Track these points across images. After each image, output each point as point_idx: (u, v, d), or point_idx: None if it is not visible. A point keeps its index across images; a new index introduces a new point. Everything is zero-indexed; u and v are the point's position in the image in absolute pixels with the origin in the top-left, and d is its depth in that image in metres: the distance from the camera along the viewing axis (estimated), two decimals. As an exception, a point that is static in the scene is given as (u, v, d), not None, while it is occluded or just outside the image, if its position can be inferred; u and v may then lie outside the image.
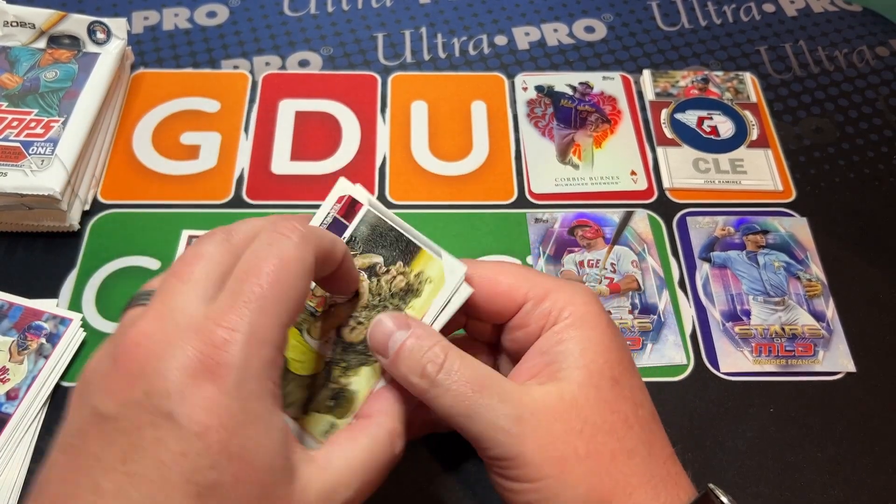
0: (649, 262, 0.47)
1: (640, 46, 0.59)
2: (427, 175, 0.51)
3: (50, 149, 0.45)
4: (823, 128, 0.55)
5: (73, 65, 0.50)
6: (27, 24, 0.51)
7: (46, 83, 0.49)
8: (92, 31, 0.51)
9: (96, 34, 0.51)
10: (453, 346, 0.29)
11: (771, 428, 0.41)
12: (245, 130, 0.52)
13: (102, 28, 0.51)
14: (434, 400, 0.28)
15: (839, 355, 0.43)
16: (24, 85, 0.49)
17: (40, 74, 0.49)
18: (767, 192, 0.51)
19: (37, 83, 0.49)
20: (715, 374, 0.43)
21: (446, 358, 0.28)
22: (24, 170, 0.44)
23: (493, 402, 0.28)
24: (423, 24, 0.60)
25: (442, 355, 0.28)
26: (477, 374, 0.28)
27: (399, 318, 0.29)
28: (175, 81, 0.55)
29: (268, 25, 0.59)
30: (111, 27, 0.51)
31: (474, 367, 0.29)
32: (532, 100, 0.55)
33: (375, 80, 0.56)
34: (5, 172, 0.44)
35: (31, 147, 0.45)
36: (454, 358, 0.28)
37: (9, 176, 0.44)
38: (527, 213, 0.49)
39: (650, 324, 0.44)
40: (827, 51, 0.59)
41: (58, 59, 0.50)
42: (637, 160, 0.52)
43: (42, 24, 0.51)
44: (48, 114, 0.47)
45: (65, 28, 0.51)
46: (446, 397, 0.28)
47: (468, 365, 0.28)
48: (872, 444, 0.40)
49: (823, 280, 0.46)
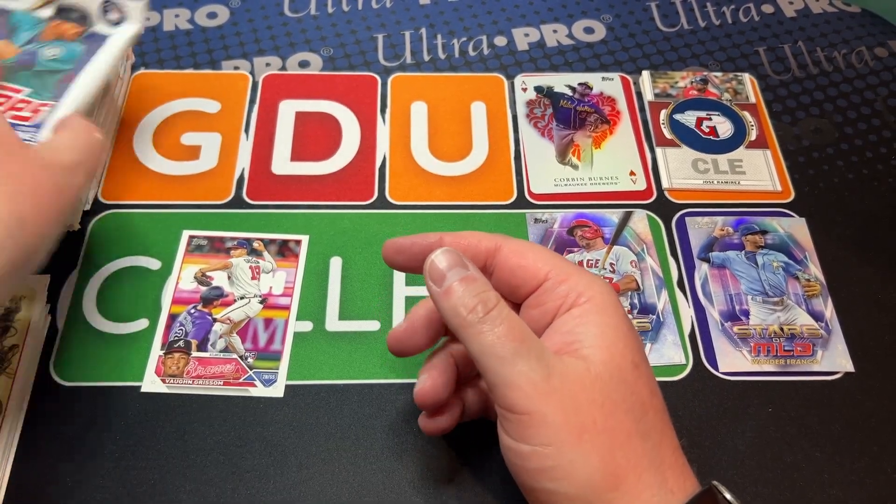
0: (648, 263, 0.47)
1: (640, 47, 0.59)
2: (427, 175, 0.51)
3: (32, 134, 0.39)
4: (822, 128, 0.55)
5: (77, 45, 0.44)
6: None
7: (44, 61, 0.43)
8: (106, 10, 0.45)
9: (109, 13, 0.45)
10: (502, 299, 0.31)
11: (770, 428, 0.41)
12: (245, 131, 0.53)
13: (116, 9, 0.45)
14: (476, 336, 0.29)
15: (838, 355, 0.43)
16: (20, 57, 0.43)
17: (39, 49, 0.43)
18: (766, 193, 0.51)
19: (33, 58, 0.43)
20: (714, 374, 0.43)
21: (498, 303, 0.30)
22: None
23: (530, 354, 0.29)
24: (422, 25, 0.60)
25: (495, 300, 0.30)
26: (521, 327, 0.30)
27: (458, 258, 0.31)
28: (176, 82, 0.55)
29: (268, 26, 0.60)
30: (127, 8, 0.45)
31: (519, 321, 0.30)
32: (531, 100, 0.55)
33: (375, 80, 0.56)
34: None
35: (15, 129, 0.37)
36: (504, 306, 0.30)
37: None
38: (526, 214, 0.49)
39: (649, 324, 0.44)
40: (826, 52, 0.60)
41: (62, 33, 0.44)
42: (636, 161, 0.52)
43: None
44: (40, 96, 0.41)
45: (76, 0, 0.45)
46: (490, 335, 0.29)
47: (515, 317, 0.30)
48: (871, 444, 0.40)
49: (822, 280, 0.46)
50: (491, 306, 0.30)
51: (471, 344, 0.30)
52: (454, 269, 0.31)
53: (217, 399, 0.41)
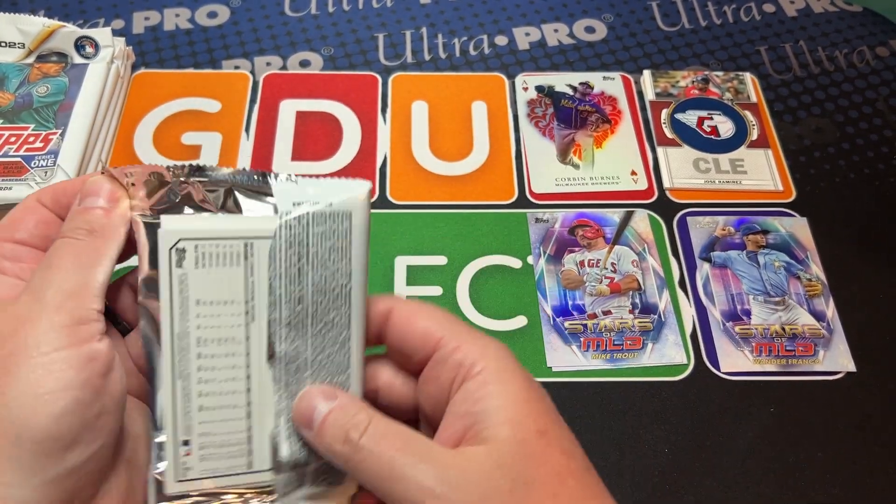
0: (650, 262, 0.47)
1: (641, 47, 0.59)
2: (427, 175, 0.51)
3: (51, 160, 0.46)
4: (823, 128, 0.55)
5: (62, 78, 0.51)
6: (17, 45, 0.52)
7: (39, 98, 0.50)
8: (80, 45, 0.52)
9: (84, 49, 0.52)
10: (378, 413, 0.28)
11: (771, 428, 0.41)
12: (246, 130, 0.53)
13: (91, 42, 0.52)
14: (359, 466, 0.27)
15: (839, 355, 0.43)
16: (16, 101, 0.50)
17: (32, 90, 0.50)
18: (768, 192, 0.51)
19: (29, 99, 0.50)
20: (715, 374, 0.43)
21: (370, 422, 0.27)
22: (29, 182, 0.45)
23: (418, 463, 0.26)
24: (423, 25, 0.60)
25: (366, 420, 0.27)
26: (402, 437, 0.27)
27: (326, 390, 0.29)
28: (176, 81, 0.55)
29: (269, 26, 0.60)
30: (98, 39, 0.52)
31: (399, 430, 0.27)
32: (532, 100, 0.55)
33: (376, 80, 0.56)
34: (10, 186, 0.45)
35: (33, 161, 0.46)
36: (379, 422, 0.27)
37: (14, 189, 0.45)
38: (527, 213, 0.49)
39: (650, 323, 0.44)
40: (827, 51, 0.60)
41: (46, 73, 0.51)
42: (637, 160, 0.52)
43: (31, 44, 0.52)
44: (45, 127, 0.48)
45: (52, 46, 0.52)
46: (371, 461, 0.26)
47: (393, 428, 0.27)
48: (872, 444, 0.40)
49: (823, 280, 0.46)
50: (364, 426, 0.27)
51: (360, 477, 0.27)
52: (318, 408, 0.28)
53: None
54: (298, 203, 0.27)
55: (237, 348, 0.27)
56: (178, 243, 0.26)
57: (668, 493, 0.38)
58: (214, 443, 0.28)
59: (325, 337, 0.28)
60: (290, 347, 0.28)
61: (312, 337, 0.28)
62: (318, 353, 0.28)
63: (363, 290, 0.28)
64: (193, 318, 0.26)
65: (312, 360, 0.28)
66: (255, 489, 0.29)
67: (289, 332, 0.28)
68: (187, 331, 0.26)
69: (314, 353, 0.28)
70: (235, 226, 0.26)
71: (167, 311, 0.26)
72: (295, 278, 0.27)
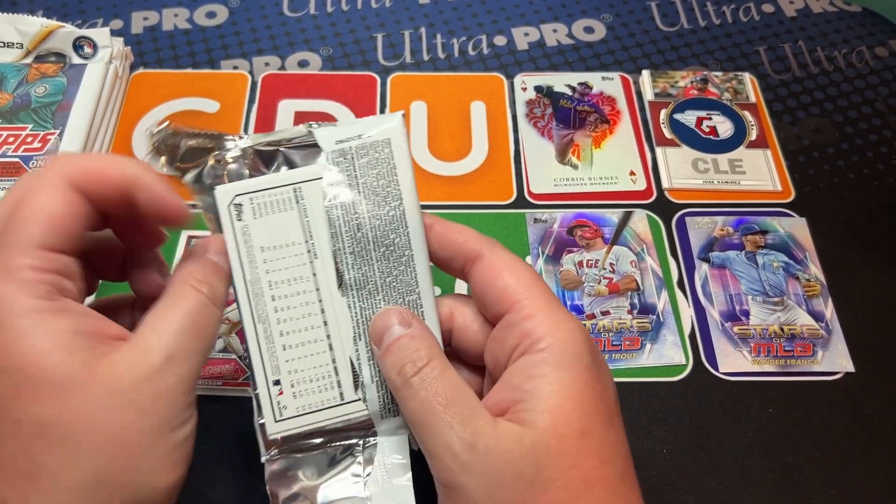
0: (648, 263, 0.47)
1: (640, 47, 0.59)
2: (426, 175, 0.51)
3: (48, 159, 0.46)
4: (822, 128, 0.55)
5: (61, 78, 0.51)
6: (15, 45, 0.52)
7: (38, 98, 0.50)
8: (78, 46, 0.52)
9: (83, 49, 0.52)
10: (442, 355, 0.28)
11: (770, 428, 0.41)
12: (245, 131, 0.52)
13: (89, 42, 0.52)
14: (403, 401, 0.27)
15: (838, 355, 0.43)
16: (14, 101, 0.50)
17: (30, 90, 0.50)
18: (766, 193, 0.51)
19: (28, 99, 0.50)
20: (714, 375, 0.43)
21: (427, 363, 0.27)
22: None
23: (453, 422, 0.26)
24: (422, 25, 0.60)
25: (425, 359, 0.27)
26: (450, 389, 0.26)
27: (403, 313, 0.29)
28: (175, 81, 0.55)
29: (267, 26, 0.60)
30: (96, 39, 0.52)
31: (451, 381, 0.27)
32: (531, 100, 0.55)
33: (375, 80, 0.56)
34: (7, 188, 0.45)
35: (31, 161, 0.47)
36: (435, 366, 0.27)
37: None
38: (526, 214, 0.49)
39: (649, 324, 0.44)
40: (826, 51, 0.60)
41: (44, 73, 0.51)
42: (636, 160, 0.52)
43: (29, 44, 0.52)
44: (43, 128, 0.48)
45: (51, 46, 0.52)
46: (413, 402, 0.26)
47: (446, 377, 0.27)
48: (872, 444, 0.40)
49: (822, 280, 0.46)
50: (420, 365, 0.27)
51: (402, 409, 0.27)
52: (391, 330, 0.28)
53: (216, 400, 0.41)
54: (341, 140, 0.29)
55: (306, 285, 0.29)
56: (234, 199, 0.29)
57: (667, 494, 0.38)
58: (304, 378, 0.29)
59: (389, 259, 0.29)
60: (359, 273, 0.29)
61: (377, 261, 0.29)
62: (386, 276, 0.30)
63: (416, 210, 0.30)
64: (261, 263, 0.29)
65: (381, 283, 0.30)
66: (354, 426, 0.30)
67: (354, 260, 0.29)
68: (258, 277, 0.29)
69: (382, 276, 0.30)
70: (282, 176, 0.29)
71: (237, 262, 0.29)
72: (350, 208, 0.29)
